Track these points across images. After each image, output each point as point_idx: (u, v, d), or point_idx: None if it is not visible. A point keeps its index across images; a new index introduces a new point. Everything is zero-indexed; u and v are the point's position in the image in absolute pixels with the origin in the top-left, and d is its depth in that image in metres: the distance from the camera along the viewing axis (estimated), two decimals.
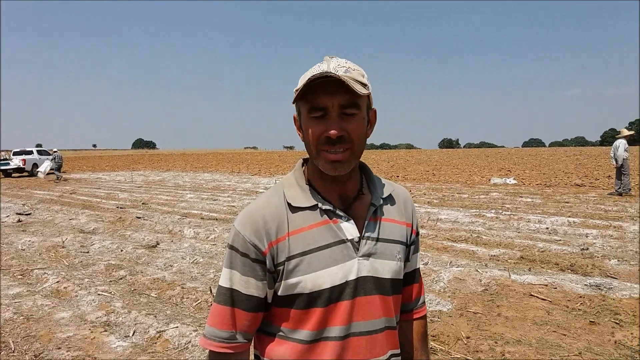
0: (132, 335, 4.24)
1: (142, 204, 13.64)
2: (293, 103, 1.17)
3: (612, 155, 13.71)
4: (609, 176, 19.58)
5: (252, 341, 1.21)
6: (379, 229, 1.21)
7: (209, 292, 5.24)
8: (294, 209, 1.16)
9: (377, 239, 1.19)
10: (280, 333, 1.16)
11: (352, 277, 1.14)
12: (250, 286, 1.13)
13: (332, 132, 1.08)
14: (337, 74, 1.06)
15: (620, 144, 13.52)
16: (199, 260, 6.74)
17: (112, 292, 5.40)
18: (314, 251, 1.12)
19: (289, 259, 1.12)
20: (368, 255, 1.16)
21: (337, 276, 1.12)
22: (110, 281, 5.92)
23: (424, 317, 1.41)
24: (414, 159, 41.32)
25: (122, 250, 7.52)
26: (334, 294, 1.12)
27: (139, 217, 10.63)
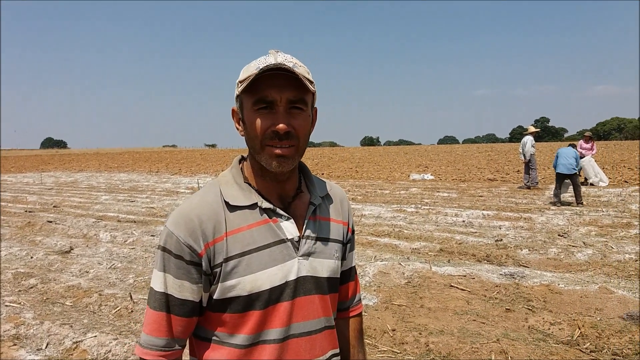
0: (45, 347, 3.94)
1: (54, 207, 12.78)
2: (238, 95, 1.11)
3: (521, 151, 14.63)
4: (518, 171, 20.90)
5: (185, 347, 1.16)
6: (318, 228, 1.20)
7: (128, 299, 4.99)
8: (232, 208, 1.11)
9: (317, 238, 1.18)
10: (215, 338, 1.11)
11: (292, 277, 1.12)
12: (185, 290, 1.07)
13: (281, 126, 1.06)
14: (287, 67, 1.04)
15: (528, 140, 14.45)
16: (117, 266, 6.41)
17: (22, 303, 5.01)
18: (253, 252, 1.08)
19: (227, 260, 1.07)
20: (308, 255, 1.15)
21: (277, 277, 1.09)
22: (20, 291, 5.48)
23: (360, 314, 1.42)
24: (338, 157, 41.91)
25: (32, 257, 7.00)
26: (273, 296, 1.09)
27: (50, 221, 9.95)
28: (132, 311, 4.76)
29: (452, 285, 5.24)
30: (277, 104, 1.06)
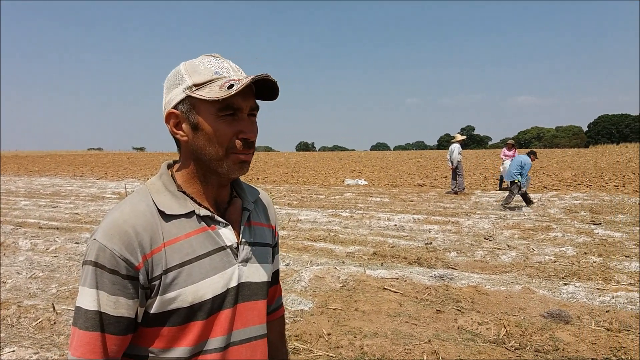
0: None
1: None
2: (184, 98, 1.08)
3: (449, 157, 15.24)
4: (446, 177, 21.72)
5: None
6: (253, 233, 1.20)
7: (51, 310, 4.70)
8: (167, 217, 1.06)
9: (253, 244, 1.18)
10: (151, 354, 1.05)
11: (233, 284, 1.10)
12: (120, 306, 1.00)
13: (252, 134, 1.08)
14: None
15: (455, 147, 15.07)
16: (39, 275, 6.02)
17: None
18: (193, 261, 1.05)
19: (166, 271, 1.02)
20: (246, 261, 1.14)
21: (219, 285, 1.07)
22: None
23: (283, 316, 1.46)
24: (273, 162, 41.72)
25: None
26: (216, 304, 1.07)
27: None
28: (54, 323, 4.48)
29: (385, 288, 5.35)
30: (242, 111, 1.07)
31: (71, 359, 1.00)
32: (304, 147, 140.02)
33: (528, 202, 11.96)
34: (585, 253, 6.97)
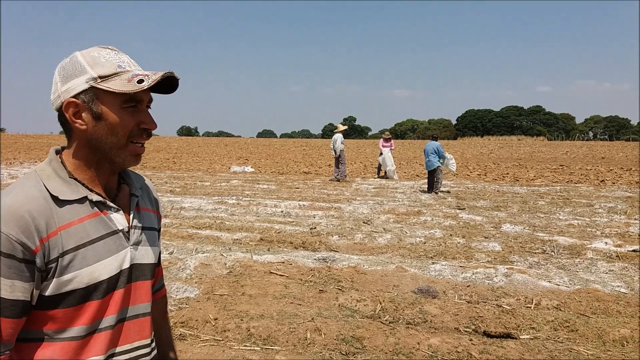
0: None
1: None
2: (88, 89, 1.13)
3: (332, 147, 15.83)
4: (329, 165, 22.47)
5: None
6: (142, 218, 1.28)
7: None
8: (60, 203, 1.10)
9: (142, 228, 1.26)
10: (45, 336, 1.08)
11: (126, 265, 1.17)
12: (17, 290, 1.02)
13: (153, 125, 1.18)
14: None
15: (338, 137, 15.70)
16: None
17: None
18: (88, 244, 1.10)
19: (63, 254, 1.06)
20: (137, 244, 1.22)
21: (113, 266, 1.14)
22: None
23: (165, 295, 1.55)
24: (153, 147, 39.98)
25: None
26: (111, 284, 1.13)
27: None
28: None
29: (271, 272, 5.51)
30: (142, 103, 1.16)
31: None
32: (186, 131, 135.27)
33: (432, 188, 12.91)
34: (451, 235, 7.72)
